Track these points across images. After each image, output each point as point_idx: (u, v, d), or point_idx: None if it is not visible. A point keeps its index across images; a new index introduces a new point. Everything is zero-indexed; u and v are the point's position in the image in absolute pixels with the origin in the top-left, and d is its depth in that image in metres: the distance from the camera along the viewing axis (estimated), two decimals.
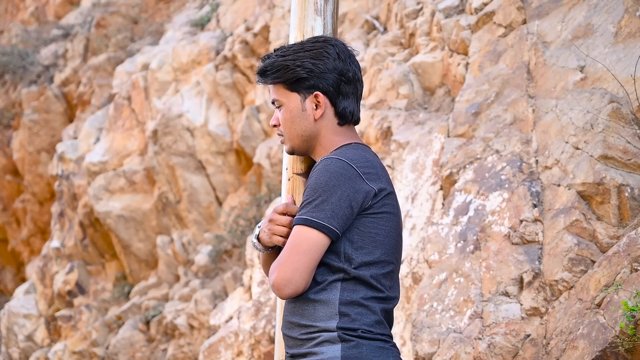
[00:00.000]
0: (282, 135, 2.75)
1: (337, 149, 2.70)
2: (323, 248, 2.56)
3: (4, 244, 13.73)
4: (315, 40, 2.74)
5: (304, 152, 2.76)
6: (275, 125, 2.75)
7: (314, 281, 2.59)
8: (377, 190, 2.60)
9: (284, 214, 2.69)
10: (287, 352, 2.67)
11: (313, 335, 2.58)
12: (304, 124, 2.70)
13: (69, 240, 10.65)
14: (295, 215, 2.67)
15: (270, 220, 2.70)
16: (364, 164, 2.61)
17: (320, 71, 2.68)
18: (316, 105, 2.70)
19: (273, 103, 2.74)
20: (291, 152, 2.77)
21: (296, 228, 2.57)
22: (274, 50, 2.76)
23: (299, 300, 2.61)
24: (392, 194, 2.66)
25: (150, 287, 9.57)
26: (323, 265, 2.59)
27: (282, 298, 2.60)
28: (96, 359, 9.35)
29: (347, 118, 2.74)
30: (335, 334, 2.55)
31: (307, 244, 2.54)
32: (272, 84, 2.72)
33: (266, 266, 2.83)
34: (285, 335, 2.68)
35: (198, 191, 9.61)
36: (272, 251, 2.76)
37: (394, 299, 2.68)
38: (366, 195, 2.58)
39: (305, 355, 2.58)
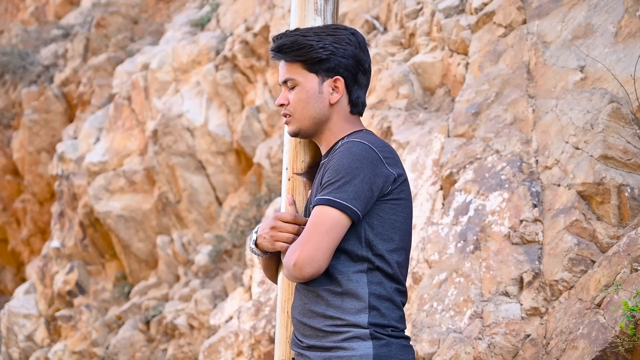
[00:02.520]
0: (288, 116, 2.72)
1: (352, 133, 2.69)
2: (344, 229, 2.54)
3: (4, 244, 13.73)
4: (335, 27, 2.73)
5: (310, 135, 2.74)
6: (282, 105, 2.72)
7: (337, 270, 2.58)
8: (396, 175, 2.61)
9: (290, 223, 2.67)
10: (302, 342, 2.64)
11: (341, 329, 2.56)
12: (319, 107, 2.69)
13: (69, 240, 10.65)
14: (302, 224, 2.66)
15: (273, 228, 2.67)
16: (384, 148, 2.62)
17: (342, 56, 2.67)
18: (333, 90, 2.69)
19: (285, 82, 2.71)
20: (295, 134, 2.73)
21: (318, 208, 2.55)
22: (289, 30, 2.73)
23: (323, 288, 2.59)
24: (407, 180, 2.68)
25: (150, 287, 9.57)
26: (344, 252, 2.58)
27: (302, 278, 2.56)
28: (96, 359, 9.35)
29: (359, 107, 2.75)
30: (367, 331, 2.54)
31: (329, 224, 2.52)
32: (290, 61, 2.69)
33: (267, 270, 2.83)
34: (302, 324, 2.64)
35: (198, 191, 9.61)
36: (271, 255, 2.76)
37: (406, 293, 2.70)
38: (386, 179, 2.58)
39: (330, 349, 2.56)
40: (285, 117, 2.73)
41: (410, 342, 2.85)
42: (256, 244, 2.75)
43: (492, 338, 4.25)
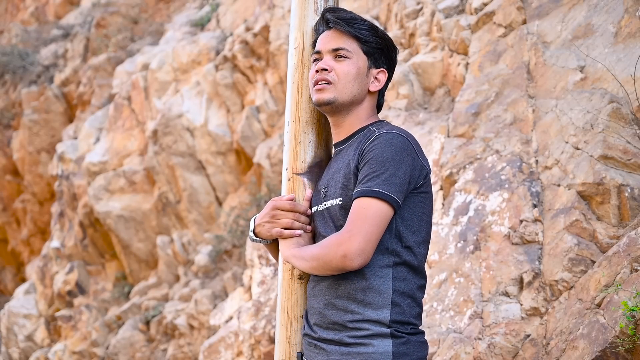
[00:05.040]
0: (327, 82, 2.71)
1: (375, 123, 2.74)
2: (389, 221, 2.57)
3: (4, 244, 13.73)
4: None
5: (337, 110, 2.74)
6: (324, 70, 2.72)
7: None
8: (428, 169, 2.66)
9: (288, 211, 2.72)
10: (315, 332, 2.65)
11: (361, 325, 2.57)
12: (360, 87, 2.74)
13: (69, 240, 10.65)
14: (301, 213, 2.71)
15: (273, 217, 2.73)
16: (415, 141, 2.66)
17: (392, 57, 2.80)
18: (374, 79, 2.77)
19: (335, 50, 2.72)
20: (329, 103, 2.72)
21: (366, 200, 2.55)
22: (350, 13, 2.77)
23: (346, 281, 2.60)
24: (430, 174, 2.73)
25: (150, 287, 9.57)
26: None
27: (348, 270, 2.56)
28: (96, 359, 9.35)
29: (382, 105, 2.85)
30: (388, 330, 2.56)
31: (379, 217, 2.53)
32: (351, 35, 2.73)
33: (275, 253, 2.85)
34: (321, 314, 2.65)
35: (198, 191, 9.61)
36: (274, 241, 2.79)
37: (425, 287, 2.72)
38: (420, 172, 2.63)
39: (349, 344, 2.57)
40: (320, 83, 2.72)
41: None
42: (255, 233, 2.79)
43: (492, 338, 4.25)
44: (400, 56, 7.03)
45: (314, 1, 2.88)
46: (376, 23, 7.85)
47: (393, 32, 7.37)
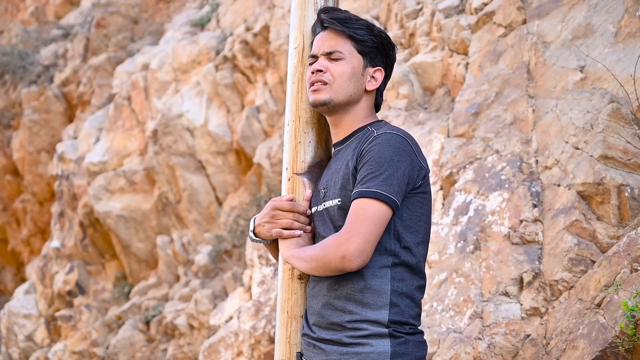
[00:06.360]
0: (322, 83, 2.72)
1: (374, 123, 2.74)
2: (387, 221, 2.57)
3: (4, 244, 13.73)
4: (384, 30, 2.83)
5: (334, 110, 2.74)
6: (319, 71, 2.72)
7: None
8: (426, 169, 2.66)
9: (288, 211, 2.72)
10: (313, 333, 2.65)
11: (360, 325, 2.58)
12: (357, 87, 2.73)
13: (69, 240, 10.65)
14: (300, 213, 2.71)
15: (272, 217, 2.73)
16: (413, 141, 2.66)
17: (389, 55, 2.78)
18: (371, 78, 2.76)
19: (330, 53, 2.72)
20: (324, 103, 2.72)
21: (364, 200, 2.55)
22: (345, 13, 2.76)
23: (345, 281, 2.60)
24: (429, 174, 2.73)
25: (150, 287, 9.57)
26: None
27: (347, 271, 2.56)
28: (96, 359, 9.35)
29: (380, 105, 2.84)
30: (386, 330, 2.56)
31: (378, 217, 2.53)
32: (345, 35, 2.72)
33: (275, 253, 2.85)
34: (320, 314, 2.65)
35: (198, 191, 9.61)
36: (274, 241, 2.79)
37: (425, 288, 2.72)
38: (419, 172, 2.63)
39: (348, 344, 2.57)
40: (316, 84, 2.73)
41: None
42: (255, 233, 2.79)
43: (492, 338, 4.25)
44: (400, 56, 7.03)
45: (314, 1, 2.88)
46: (376, 23, 7.85)
47: (393, 32, 7.37)
